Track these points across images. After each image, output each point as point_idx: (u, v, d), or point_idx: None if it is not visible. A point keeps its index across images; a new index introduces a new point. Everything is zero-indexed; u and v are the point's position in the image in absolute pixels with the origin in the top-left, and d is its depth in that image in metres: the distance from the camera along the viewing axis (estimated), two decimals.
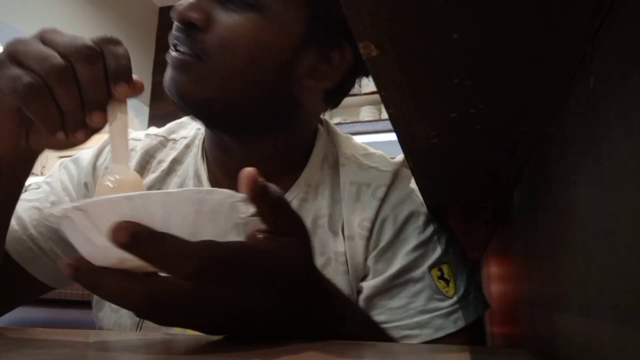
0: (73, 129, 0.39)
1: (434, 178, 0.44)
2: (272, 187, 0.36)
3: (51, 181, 0.63)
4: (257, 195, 0.35)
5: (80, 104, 0.39)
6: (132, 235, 0.30)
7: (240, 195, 0.35)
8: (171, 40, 0.54)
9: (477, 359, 0.34)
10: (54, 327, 0.47)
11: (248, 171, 0.35)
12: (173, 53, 0.53)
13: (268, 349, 0.34)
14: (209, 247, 0.32)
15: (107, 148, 0.65)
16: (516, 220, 0.52)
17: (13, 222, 0.57)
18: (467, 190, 0.49)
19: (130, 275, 0.31)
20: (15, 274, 0.58)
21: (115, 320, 0.60)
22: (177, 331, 0.55)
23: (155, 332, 0.54)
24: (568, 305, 0.31)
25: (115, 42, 0.40)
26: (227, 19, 0.51)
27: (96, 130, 0.41)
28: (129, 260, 0.30)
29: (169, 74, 0.53)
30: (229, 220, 0.36)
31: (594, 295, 0.25)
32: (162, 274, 0.33)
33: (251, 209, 0.36)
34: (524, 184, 0.46)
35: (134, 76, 0.41)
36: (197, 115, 0.55)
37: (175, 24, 0.53)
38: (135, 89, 0.42)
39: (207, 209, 0.33)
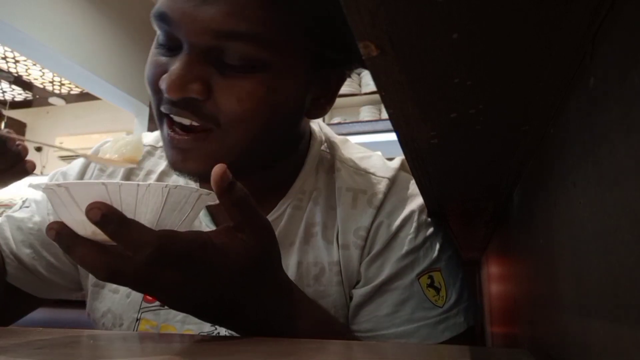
0: None
1: (434, 178, 0.44)
2: (239, 186, 0.39)
3: (39, 199, 0.64)
4: (222, 191, 0.38)
5: None
6: (103, 215, 0.34)
7: (206, 191, 0.39)
8: (164, 109, 0.48)
9: (477, 359, 0.34)
10: (54, 327, 0.47)
11: (219, 167, 0.38)
12: (175, 134, 0.48)
13: (264, 348, 0.34)
14: (166, 237, 0.36)
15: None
16: (516, 220, 0.52)
17: (1, 242, 0.60)
18: (467, 190, 0.49)
19: (100, 248, 0.36)
20: (10, 292, 0.60)
21: (109, 307, 0.60)
22: (174, 331, 0.55)
23: (153, 332, 0.54)
24: (568, 305, 0.31)
25: None
26: (230, 87, 0.46)
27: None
28: (100, 234, 0.35)
29: (175, 154, 0.49)
30: (196, 210, 0.40)
31: (594, 295, 0.25)
32: None
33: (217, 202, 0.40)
34: (524, 184, 0.46)
35: None
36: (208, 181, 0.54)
37: (166, 97, 0.46)
38: None
39: (172, 200, 0.37)
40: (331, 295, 0.55)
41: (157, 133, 0.68)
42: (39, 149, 5.56)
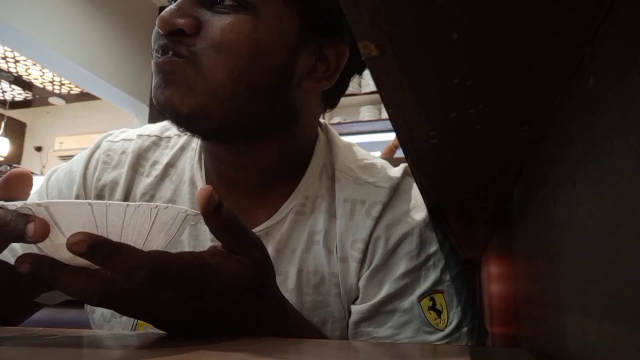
0: None
1: (434, 178, 0.44)
2: (226, 207, 0.38)
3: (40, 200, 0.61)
4: (209, 213, 0.37)
5: None
6: (90, 247, 0.31)
7: (193, 211, 0.38)
8: (155, 47, 0.50)
9: (477, 359, 0.34)
10: (54, 327, 0.47)
11: (204, 188, 0.37)
12: (160, 58, 0.49)
13: (263, 348, 0.34)
14: (159, 258, 0.34)
15: (96, 154, 0.63)
16: (516, 220, 0.52)
17: (8, 255, 0.55)
18: (467, 190, 0.49)
19: (88, 273, 0.33)
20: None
21: (107, 319, 0.59)
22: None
23: (151, 332, 0.54)
24: (567, 305, 0.31)
25: None
26: (217, 21, 0.48)
27: None
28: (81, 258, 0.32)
29: (157, 82, 0.49)
30: (181, 231, 0.38)
31: (593, 294, 0.25)
32: None
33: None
34: (524, 184, 0.46)
35: None
36: (194, 128, 0.51)
37: (160, 33, 0.49)
38: None
39: (160, 221, 0.36)
40: (329, 306, 0.54)
41: (161, 124, 0.66)
42: (38, 149, 5.57)
